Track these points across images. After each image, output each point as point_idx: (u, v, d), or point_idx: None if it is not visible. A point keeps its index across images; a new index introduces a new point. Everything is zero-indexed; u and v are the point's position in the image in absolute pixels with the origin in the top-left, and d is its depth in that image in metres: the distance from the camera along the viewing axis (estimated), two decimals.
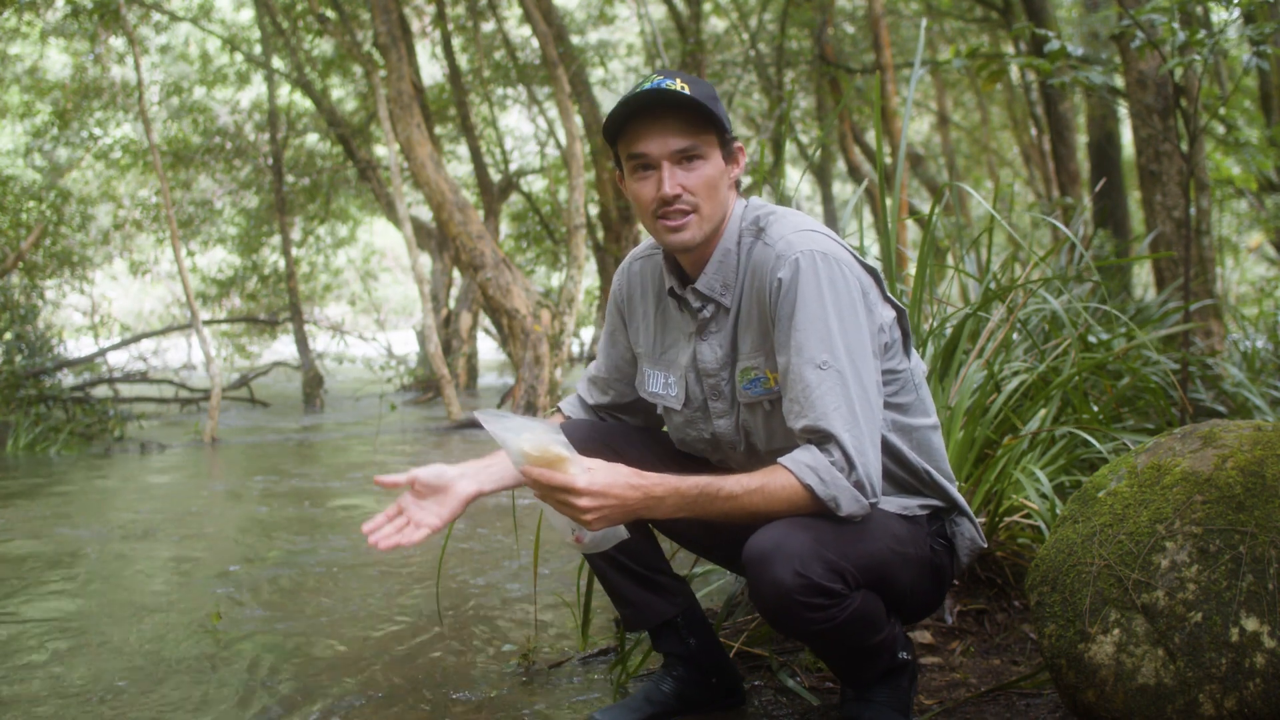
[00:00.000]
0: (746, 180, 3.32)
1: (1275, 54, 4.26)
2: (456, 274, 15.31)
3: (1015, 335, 3.42)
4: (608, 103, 16.09)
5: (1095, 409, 3.33)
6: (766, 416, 1.99)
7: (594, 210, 13.80)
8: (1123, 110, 8.22)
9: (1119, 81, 6.80)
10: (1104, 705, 1.80)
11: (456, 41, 15.10)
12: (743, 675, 2.35)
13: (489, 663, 2.69)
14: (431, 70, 17.21)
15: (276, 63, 14.29)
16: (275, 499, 5.60)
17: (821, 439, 1.82)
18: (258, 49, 14.83)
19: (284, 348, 16.37)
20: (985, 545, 2.12)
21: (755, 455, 2.03)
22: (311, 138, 16.87)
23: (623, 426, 2.24)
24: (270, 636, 2.97)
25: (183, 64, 16.51)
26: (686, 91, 1.89)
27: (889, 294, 2.00)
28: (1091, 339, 3.95)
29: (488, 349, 20.10)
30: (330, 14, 12.35)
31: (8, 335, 9.27)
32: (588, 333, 17.71)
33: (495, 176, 15.69)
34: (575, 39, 15.04)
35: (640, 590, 2.16)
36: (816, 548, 1.77)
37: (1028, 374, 3.05)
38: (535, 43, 13.82)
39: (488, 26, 15.40)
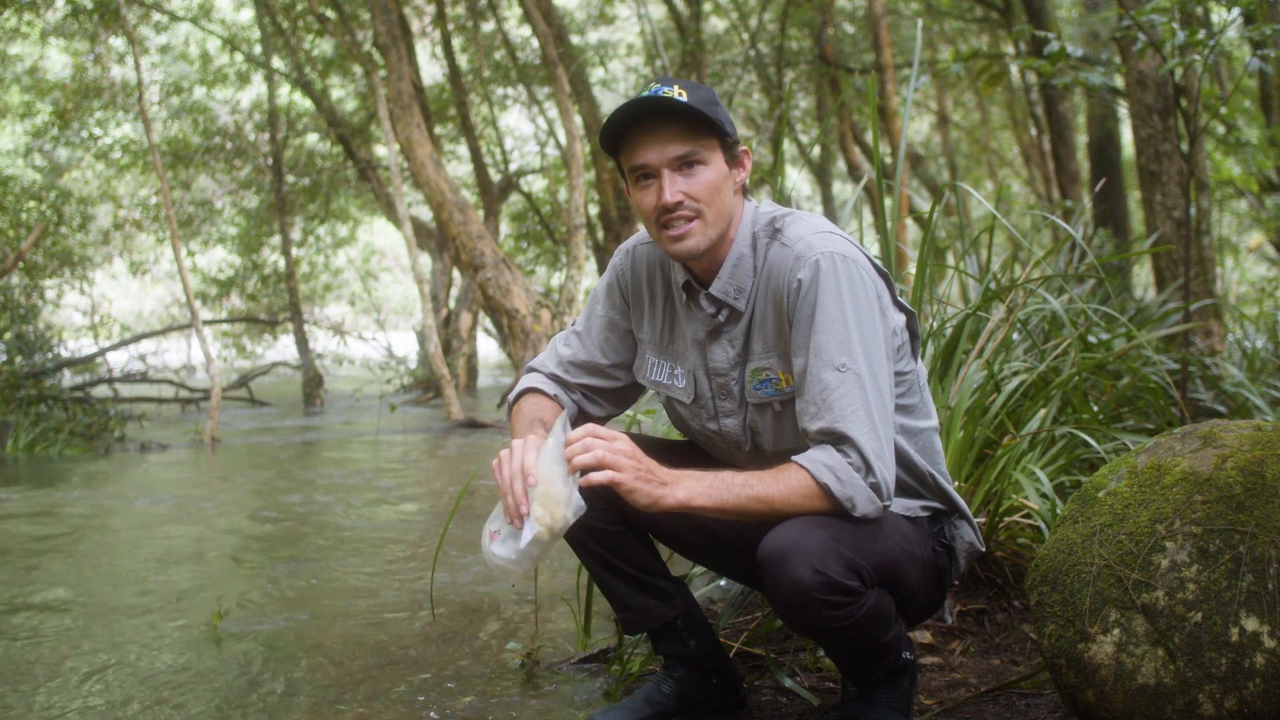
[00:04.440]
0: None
1: (1277, 54, 4.26)
2: (456, 274, 15.30)
3: (1015, 335, 3.41)
4: (608, 103, 16.09)
5: (1095, 409, 3.33)
6: (776, 417, 1.98)
7: (594, 210, 13.79)
8: (1123, 110, 8.22)
9: (1119, 82, 6.79)
10: (1104, 705, 1.80)
11: (456, 41, 15.09)
12: (743, 675, 2.35)
13: (489, 663, 2.69)
14: (431, 70, 17.21)
15: (276, 63, 14.29)
16: (275, 499, 5.59)
17: (838, 441, 1.81)
18: (258, 49, 14.83)
19: (284, 348, 16.37)
20: (984, 549, 2.11)
21: (761, 455, 2.03)
22: (311, 138, 16.87)
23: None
24: (271, 637, 2.97)
25: (183, 64, 16.51)
26: (683, 98, 1.86)
27: (898, 297, 2.00)
28: (1091, 339, 3.94)
29: (488, 349, 20.10)
30: (330, 14, 12.35)
31: (8, 335, 9.26)
32: None
33: (495, 176, 15.69)
34: (575, 39, 15.03)
35: (638, 594, 2.15)
36: (834, 545, 1.76)
37: (1028, 374, 3.05)
38: (535, 43, 13.81)
39: (488, 26, 15.40)
